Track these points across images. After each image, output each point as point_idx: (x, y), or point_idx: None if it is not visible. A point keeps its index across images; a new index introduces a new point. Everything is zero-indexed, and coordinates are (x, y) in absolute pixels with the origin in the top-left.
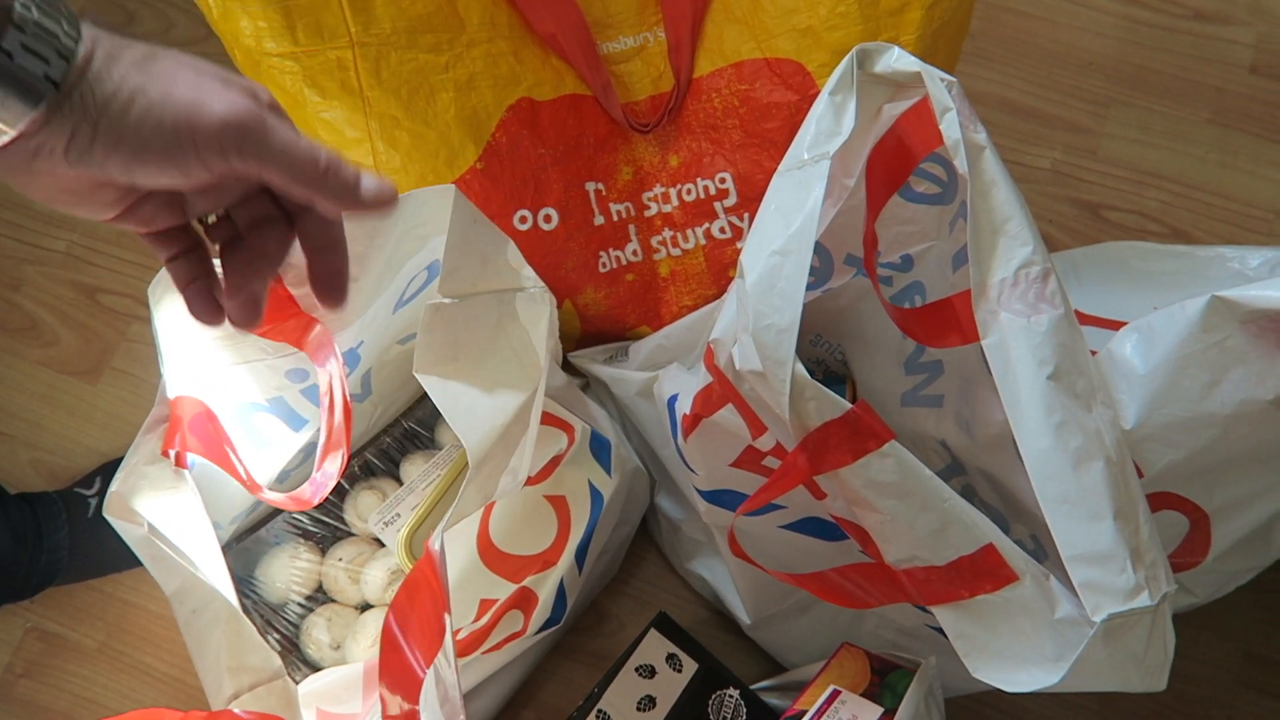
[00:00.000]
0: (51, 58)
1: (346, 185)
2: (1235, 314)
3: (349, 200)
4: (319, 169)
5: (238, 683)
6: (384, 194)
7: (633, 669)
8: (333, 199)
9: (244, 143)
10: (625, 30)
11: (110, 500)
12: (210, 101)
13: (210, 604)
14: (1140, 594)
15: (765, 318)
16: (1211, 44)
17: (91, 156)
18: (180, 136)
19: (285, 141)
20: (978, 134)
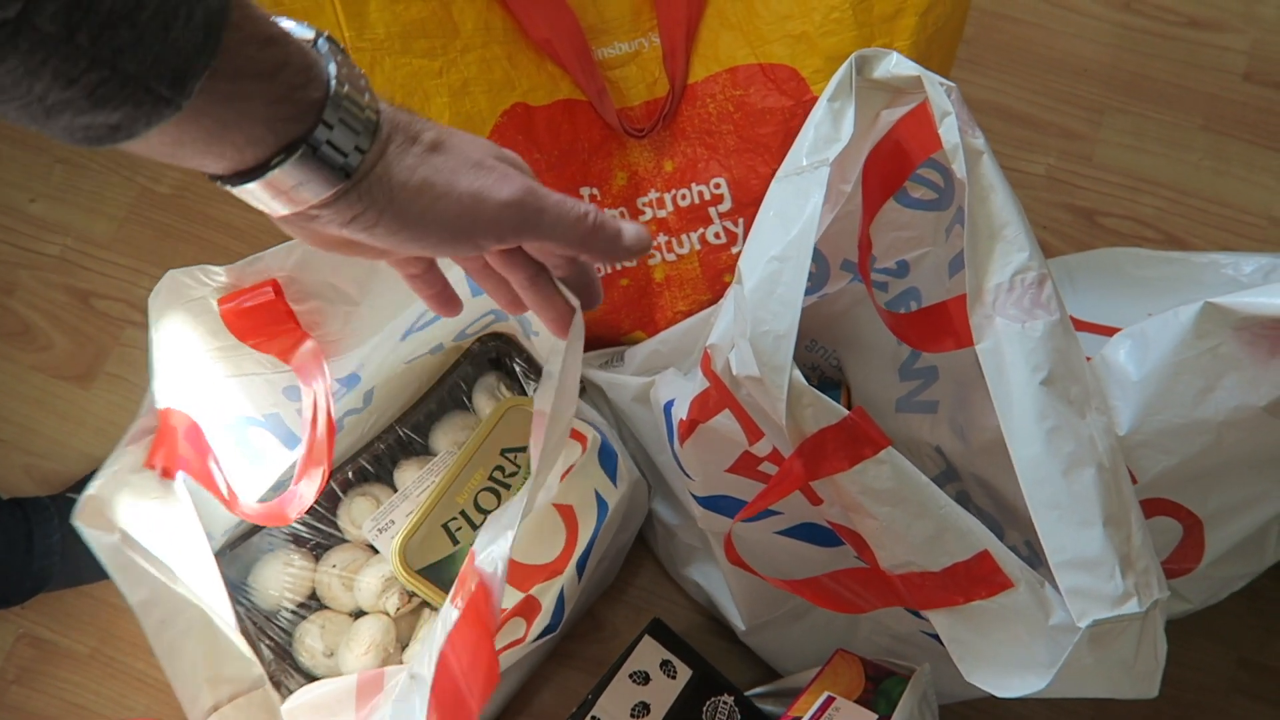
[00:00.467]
0: (350, 151)
1: (611, 240)
2: (1228, 320)
3: (614, 254)
4: (588, 229)
5: (217, 694)
6: (642, 242)
7: (627, 675)
8: (599, 255)
9: (523, 224)
10: (620, 36)
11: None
12: (492, 190)
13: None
14: (1129, 601)
15: (763, 324)
16: (1206, 51)
17: (373, 234)
18: (464, 224)
19: (556, 214)
20: (976, 139)
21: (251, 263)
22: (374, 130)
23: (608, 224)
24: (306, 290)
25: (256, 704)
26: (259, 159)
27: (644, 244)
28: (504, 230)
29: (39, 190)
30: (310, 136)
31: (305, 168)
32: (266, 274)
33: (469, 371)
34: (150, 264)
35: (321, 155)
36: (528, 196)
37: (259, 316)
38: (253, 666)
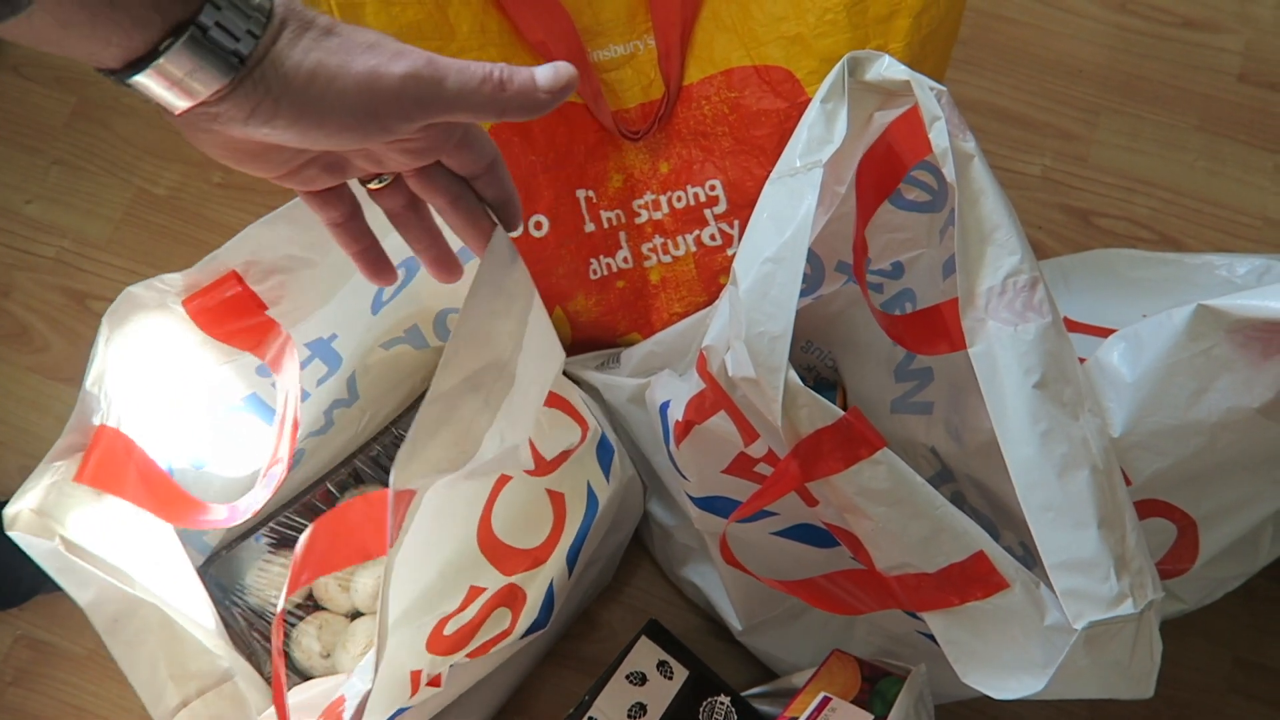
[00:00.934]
0: (241, 35)
1: (525, 91)
2: (1221, 322)
3: (532, 105)
4: (495, 85)
5: (184, 690)
6: (559, 81)
7: (624, 676)
8: (517, 111)
9: (426, 97)
10: (615, 38)
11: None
12: (388, 65)
13: (136, 613)
14: (1124, 602)
15: (758, 325)
16: (1200, 52)
17: (273, 126)
18: (364, 102)
19: (459, 79)
20: (966, 143)
21: (209, 260)
22: (267, 14)
23: (516, 74)
24: (265, 269)
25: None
26: (148, 43)
27: (561, 82)
28: (407, 105)
29: (35, 192)
30: (197, 18)
31: (196, 53)
32: (225, 268)
33: None
34: (146, 266)
35: (212, 39)
36: (425, 67)
37: (226, 309)
38: (220, 660)
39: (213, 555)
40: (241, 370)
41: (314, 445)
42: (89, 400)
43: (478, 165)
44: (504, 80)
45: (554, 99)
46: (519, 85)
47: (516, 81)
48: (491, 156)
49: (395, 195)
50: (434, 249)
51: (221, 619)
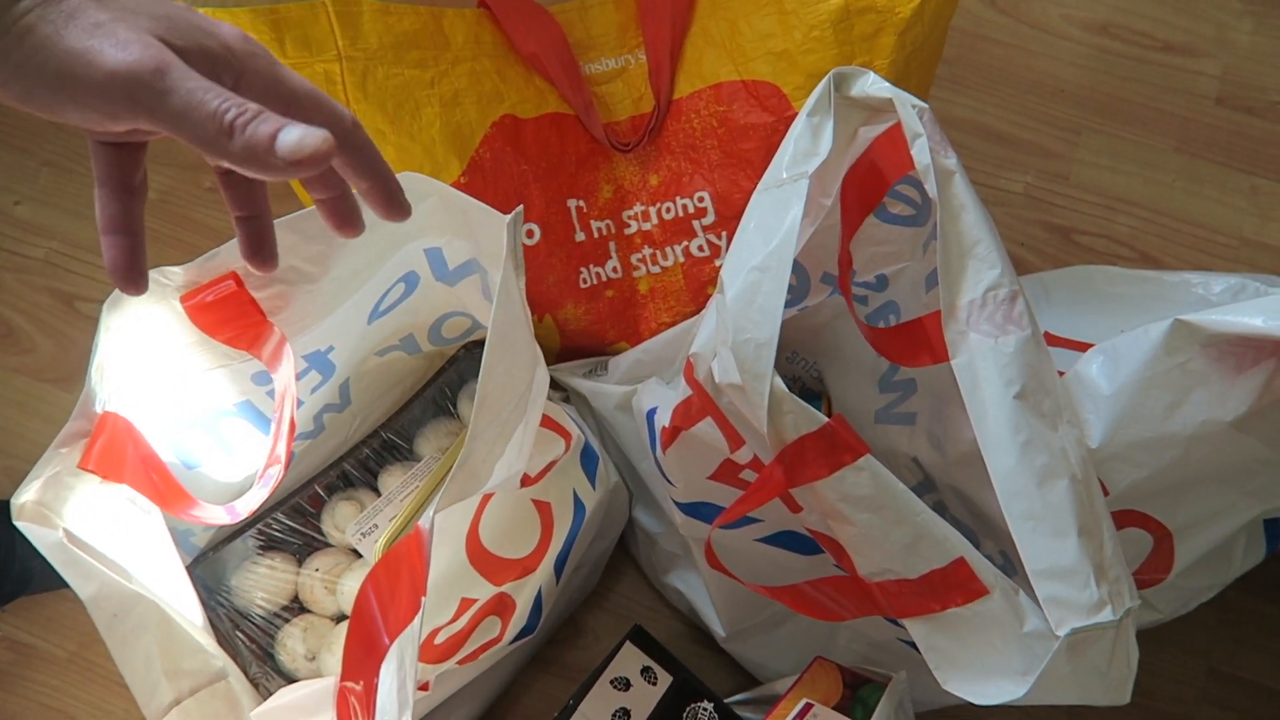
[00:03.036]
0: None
1: (255, 149)
2: (1197, 337)
3: (266, 169)
4: (221, 129)
5: (177, 688)
6: (304, 151)
7: (608, 681)
8: (243, 165)
9: (136, 101)
10: (607, 52)
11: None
12: (102, 51)
13: (134, 608)
14: (1103, 609)
15: (745, 332)
16: (1179, 75)
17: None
18: (63, 86)
19: (185, 101)
20: (948, 159)
21: (210, 258)
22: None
23: (255, 126)
24: (268, 277)
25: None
26: None
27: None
28: (115, 102)
29: (24, 193)
30: None
31: None
32: (225, 267)
33: (454, 378)
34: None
35: None
36: (146, 70)
37: (223, 310)
38: (213, 660)
39: (200, 556)
40: (235, 376)
41: (304, 449)
42: (92, 388)
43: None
44: (233, 127)
45: (290, 169)
46: (250, 140)
47: (249, 134)
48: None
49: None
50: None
51: (208, 619)
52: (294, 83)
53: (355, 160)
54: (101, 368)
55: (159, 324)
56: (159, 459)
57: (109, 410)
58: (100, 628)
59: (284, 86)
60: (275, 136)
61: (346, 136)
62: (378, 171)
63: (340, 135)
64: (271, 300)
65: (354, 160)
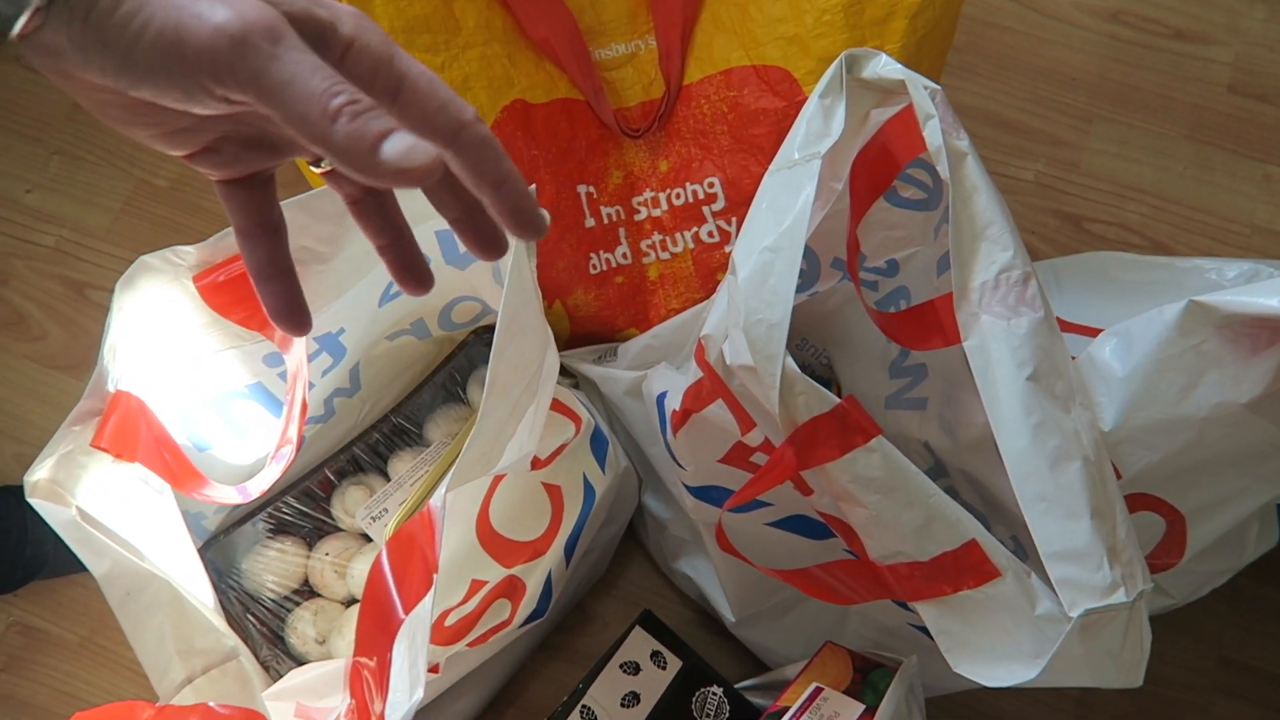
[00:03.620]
0: None
1: (359, 144)
2: (1211, 318)
3: (364, 168)
4: (325, 112)
5: (189, 666)
6: (409, 160)
7: (617, 666)
8: (340, 158)
9: (240, 67)
10: (617, 38)
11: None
12: (211, 8)
13: (147, 587)
14: (1116, 591)
15: (756, 313)
16: (1191, 63)
17: (90, 59)
18: (167, 49)
19: (291, 72)
20: (960, 140)
21: (222, 237)
22: None
23: (364, 121)
24: None
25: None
26: None
27: (411, 163)
28: (218, 67)
29: (35, 181)
30: None
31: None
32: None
33: (463, 364)
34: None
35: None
36: (257, 30)
37: (236, 290)
38: (226, 639)
39: (211, 539)
40: (247, 357)
41: (314, 433)
42: (105, 367)
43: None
44: (339, 113)
45: (390, 176)
46: (355, 132)
47: (356, 126)
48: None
49: (349, 179)
50: (397, 249)
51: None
52: (407, 64)
53: (471, 160)
54: (114, 347)
55: (171, 304)
56: (171, 438)
57: (121, 389)
58: (113, 605)
59: (395, 66)
60: (383, 137)
61: (459, 131)
62: (500, 176)
63: (453, 127)
64: None
65: (468, 160)
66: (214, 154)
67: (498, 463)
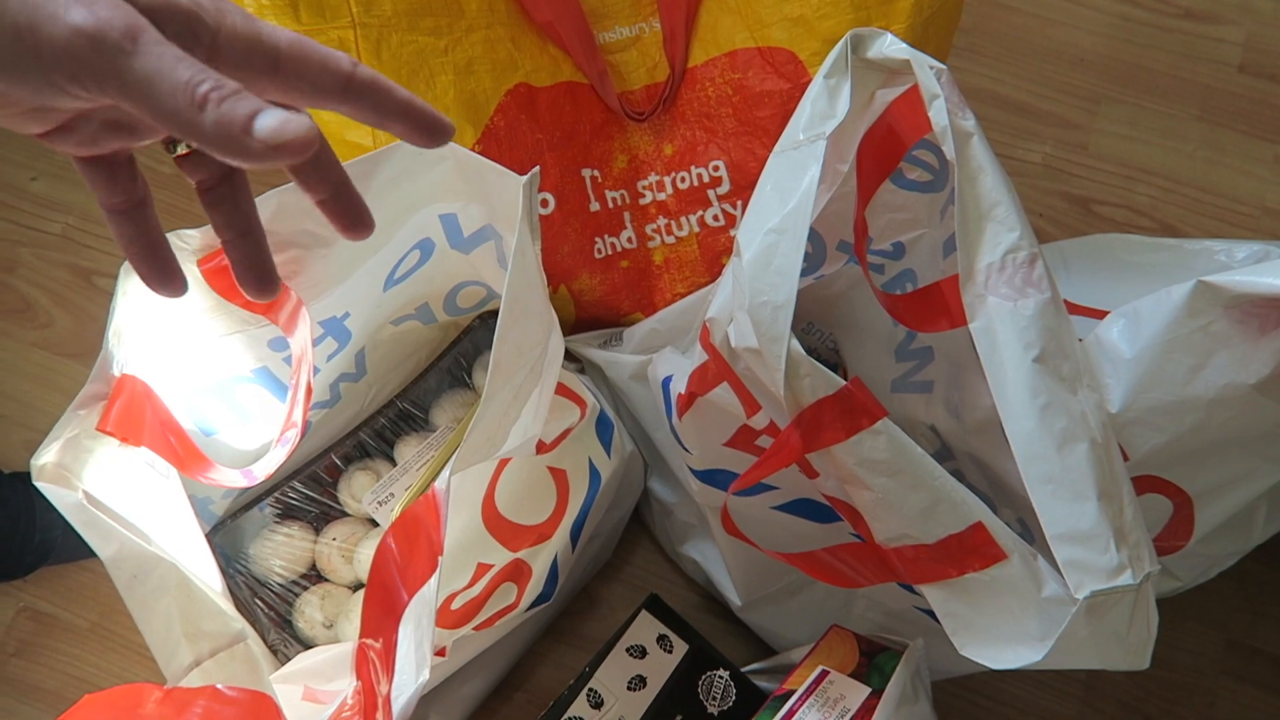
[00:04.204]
0: None
1: (230, 128)
2: (1219, 298)
3: (240, 152)
4: (192, 101)
5: (197, 649)
6: (282, 135)
7: (624, 649)
8: (216, 146)
9: (96, 66)
10: (621, 20)
11: (43, 470)
12: (67, 7)
13: (154, 570)
14: (1123, 573)
15: (761, 294)
16: (1201, 43)
17: None
18: (21, 48)
19: (153, 68)
20: (966, 120)
21: None
22: None
23: (233, 103)
24: (283, 240)
25: (238, 658)
26: None
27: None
28: (75, 67)
29: (41, 169)
30: None
31: None
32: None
33: (468, 349)
34: None
35: None
36: (114, 31)
37: None
38: (232, 621)
39: (218, 524)
40: (252, 342)
41: (320, 418)
42: (110, 351)
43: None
44: (206, 100)
45: (269, 153)
46: (224, 117)
47: (224, 110)
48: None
49: (206, 163)
50: (245, 244)
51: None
52: (277, 36)
53: (368, 103)
54: (119, 331)
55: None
56: (177, 422)
57: (126, 373)
58: (120, 588)
59: (266, 42)
60: (253, 117)
61: (348, 82)
62: (399, 105)
63: (341, 81)
64: (287, 265)
65: (366, 104)
66: (70, 133)
67: (502, 446)
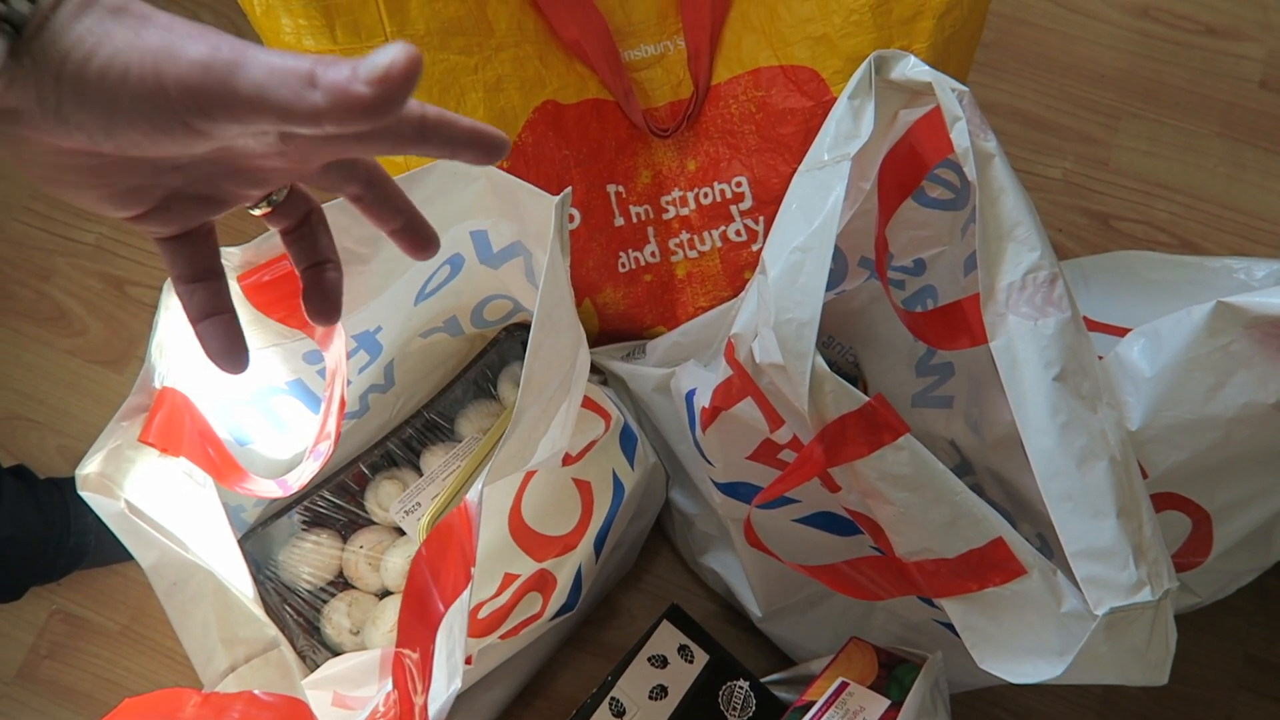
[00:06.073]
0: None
1: (341, 90)
2: (1240, 319)
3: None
4: (303, 80)
5: (233, 655)
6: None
7: (645, 659)
8: (334, 115)
9: (219, 86)
10: (646, 38)
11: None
12: (182, 44)
13: (193, 578)
14: (1142, 589)
15: (786, 312)
16: (1222, 59)
17: (64, 116)
18: (149, 88)
19: (261, 75)
20: (987, 142)
21: (267, 238)
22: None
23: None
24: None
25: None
26: None
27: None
28: (201, 96)
29: None
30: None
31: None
32: (282, 248)
33: (494, 360)
34: None
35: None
36: (222, 53)
37: (280, 289)
38: (267, 628)
39: (249, 531)
40: (288, 355)
41: (349, 428)
42: (152, 364)
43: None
44: (313, 75)
45: (380, 93)
46: (330, 81)
47: (329, 77)
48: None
49: (290, 211)
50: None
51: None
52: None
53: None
54: (161, 345)
55: None
56: (214, 433)
57: (167, 386)
58: (160, 595)
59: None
60: (355, 69)
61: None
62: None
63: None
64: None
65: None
66: (164, 211)
67: (532, 458)
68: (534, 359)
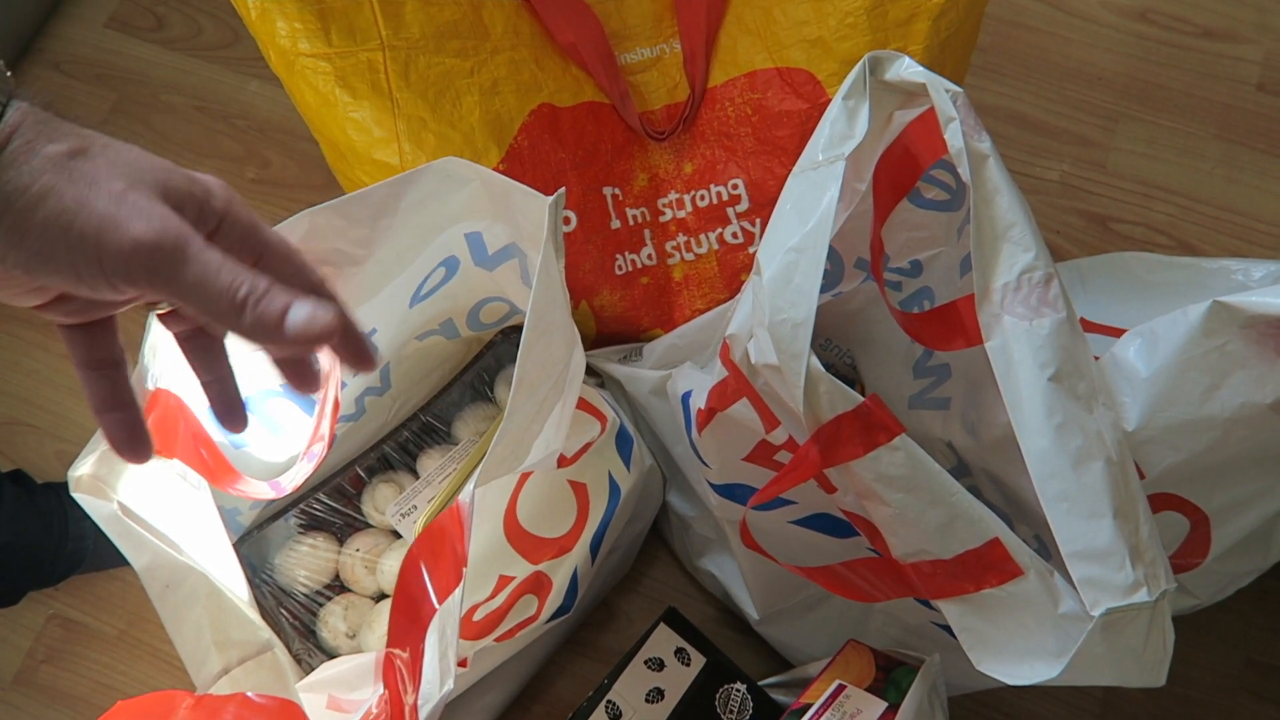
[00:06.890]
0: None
1: (265, 325)
2: (1236, 319)
3: (270, 341)
4: (234, 305)
5: (226, 658)
6: (313, 329)
7: (642, 662)
8: (251, 339)
9: (156, 271)
10: (642, 41)
11: (79, 482)
12: (129, 220)
13: (186, 580)
14: (1139, 590)
15: (781, 312)
16: (1219, 61)
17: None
18: (86, 253)
19: (200, 274)
20: (981, 143)
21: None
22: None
23: (267, 303)
24: (315, 258)
25: (266, 667)
26: None
27: (314, 330)
28: (135, 272)
29: None
30: None
31: None
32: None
33: (491, 363)
34: None
35: None
36: (168, 243)
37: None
38: (261, 631)
39: (245, 534)
40: None
41: (345, 431)
42: (145, 366)
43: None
44: (244, 303)
45: (300, 343)
46: (260, 316)
47: (260, 310)
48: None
49: (183, 319)
50: (222, 387)
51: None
52: (267, 234)
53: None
54: (154, 347)
55: None
56: (208, 435)
57: (160, 387)
58: (153, 598)
59: (259, 236)
60: (285, 313)
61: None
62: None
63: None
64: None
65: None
66: (64, 303)
67: (525, 460)
68: (526, 359)
